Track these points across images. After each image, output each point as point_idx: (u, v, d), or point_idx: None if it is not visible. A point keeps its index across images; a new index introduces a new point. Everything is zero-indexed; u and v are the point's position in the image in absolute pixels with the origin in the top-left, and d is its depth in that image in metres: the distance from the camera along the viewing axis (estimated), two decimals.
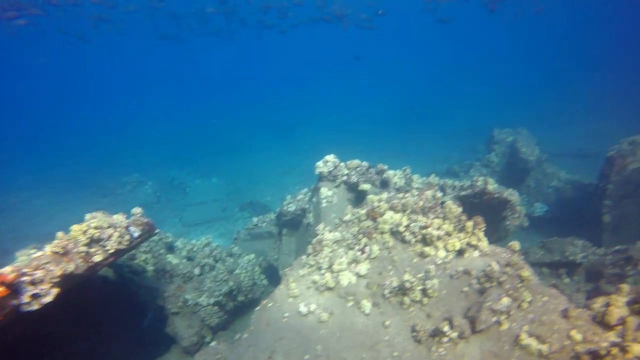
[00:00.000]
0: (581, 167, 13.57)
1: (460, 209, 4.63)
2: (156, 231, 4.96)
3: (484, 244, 4.44)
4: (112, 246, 4.36)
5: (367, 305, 4.21)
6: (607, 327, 3.35)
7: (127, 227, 4.63)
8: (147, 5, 19.45)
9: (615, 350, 3.01)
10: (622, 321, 3.25)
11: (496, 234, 7.58)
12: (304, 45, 66.74)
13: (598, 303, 3.56)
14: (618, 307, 3.29)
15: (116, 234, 4.44)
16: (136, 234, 4.65)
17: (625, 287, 3.47)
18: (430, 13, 16.81)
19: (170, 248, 6.99)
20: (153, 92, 51.87)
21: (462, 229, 4.48)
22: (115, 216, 4.70)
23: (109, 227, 4.46)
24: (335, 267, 4.65)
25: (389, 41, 64.88)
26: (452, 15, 15.41)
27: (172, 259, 6.58)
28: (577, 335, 3.37)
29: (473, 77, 40.70)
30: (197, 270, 6.70)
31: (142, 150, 23.10)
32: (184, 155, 21.25)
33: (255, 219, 9.07)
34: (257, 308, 4.62)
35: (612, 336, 3.26)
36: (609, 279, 6.94)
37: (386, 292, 4.24)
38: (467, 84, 36.95)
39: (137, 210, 4.96)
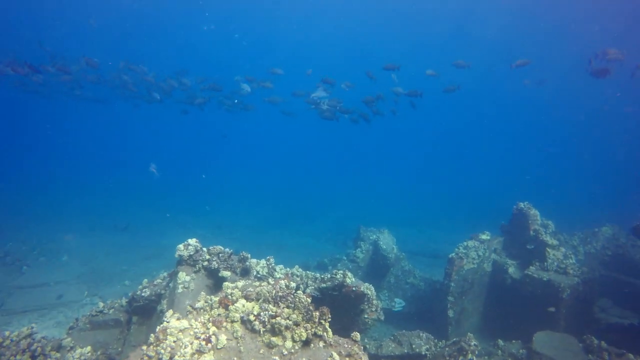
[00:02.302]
0: (435, 265, 15.54)
1: (309, 300, 4.82)
2: None
3: (329, 334, 4.61)
4: None
5: None
6: None
7: None
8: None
9: None
10: None
11: (356, 327, 7.89)
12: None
13: None
14: None
15: None
16: None
17: None
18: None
19: None
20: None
21: (309, 319, 4.62)
22: None
23: None
24: (177, 358, 4.26)
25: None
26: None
27: None
28: None
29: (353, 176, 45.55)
30: None
31: None
32: (29, 226, 18.09)
33: (101, 304, 7.90)
34: None
35: None
36: None
37: None
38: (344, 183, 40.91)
39: None
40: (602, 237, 14.47)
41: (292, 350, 4.38)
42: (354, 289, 7.19)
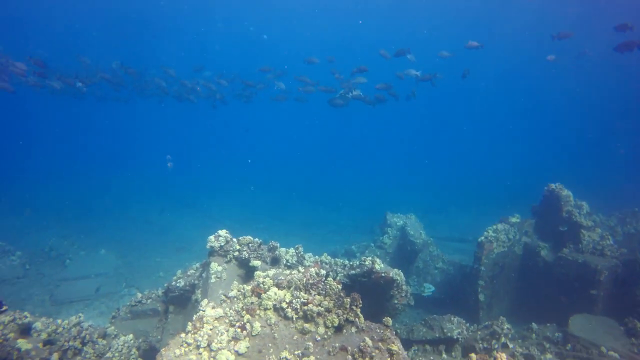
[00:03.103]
0: (463, 250, 15.32)
1: (340, 286, 4.88)
2: (2, 309, 4.28)
3: (361, 319, 4.67)
4: None
5: None
6: None
7: None
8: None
9: None
10: None
11: (386, 312, 7.93)
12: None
13: None
14: None
15: None
16: None
17: (473, 356, 3.88)
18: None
19: (25, 330, 5.96)
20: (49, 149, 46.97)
21: (341, 305, 4.68)
22: None
23: None
24: (214, 345, 4.43)
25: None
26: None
27: (23, 344, 5.59)
28: None
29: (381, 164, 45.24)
30: (55, 357, 5.74)
31: (11, 212, 20.04)
32: (69, 222, 19.02)
33: (139, 295, 8.28)
34: None
35: None
36: (480, 353, 7.57)
37: None
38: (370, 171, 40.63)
39: None
40: None
41: (325, 336, 4.46)
42: (383, 275, 7.21)
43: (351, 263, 7.31)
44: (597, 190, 20.22)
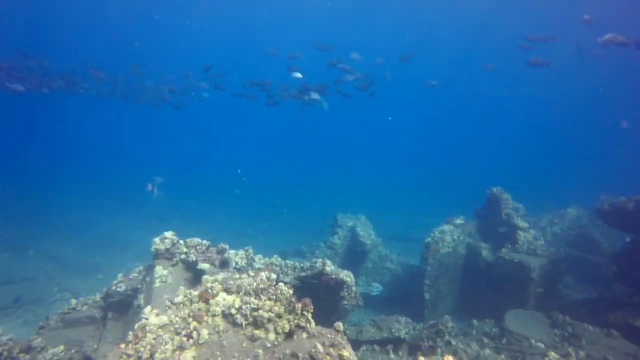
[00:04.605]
0: (410, 250, 15.86)
1: (291, 291, 4.80)
2: None
3: (312, 325, 4.62)
4: None
5: None
6: None
7: None
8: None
9: None
10: None
11: (336, 313, 7.98)
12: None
13: None
14: None
15: None
16: None
17: (421, 358, 3.98)
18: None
19: None
20: None
21: (292, 311, 4.60)
22: None
23: None
24: (157, 356, 4.16)
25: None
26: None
27: None
28: None
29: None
30: None
31: None
32: None
33: (74, 301, 7.65)
34: None
35: None
36: (425, 352, 7.85)
37: None
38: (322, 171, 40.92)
39: None
40: (568, 219, 15.19)
41: (276, 343, 4.36)
42: (333, 277, 7.25)
43: (302, 265, 7.28)
44: (531, 191, 21.88)
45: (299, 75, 13.29)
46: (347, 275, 7.60)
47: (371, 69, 13.66)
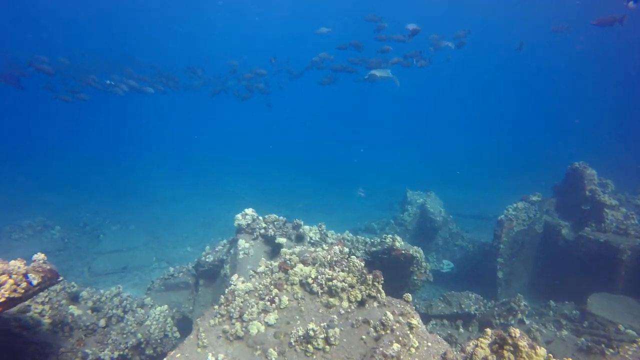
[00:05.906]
0: (483, 227, 15.37)
1: (362, 263, 5.13)
2: (59, 279, 4.74)
3: (382, 295, 4.94)
4: (1, 295, 4.06)
5: (273, 353, 4.38)
6: None
7: (25, 275, 4.37)
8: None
9: None
10: (485, 359, 3.81)
11: (405, 288, 8.22)
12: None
13: (470, 346, 4.13)
14: (482, 348, 3.88)
15: (10, 281, 4.18)
16: (35, 282, 4.40)
17: (488, 330, 4.09)
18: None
19: (74, 298, 6.53)
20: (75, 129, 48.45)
21: (363, 281, 4.95)
22: (12, 262, 4.43)
23: (2, 274, 4.19)
24: (246, 316, 4.79)
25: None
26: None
27: (74, 310, 6.15)
28: None
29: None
30: (102, 322, 6.30)
31: (50, 190, 21.06)
32: (100, 199, 19.91)
33: (171, 269, 8.82)
34: (165, 359, 4.53)
35: None
36: (496, 329, 7.80)
37: (292, 340, 4.46)
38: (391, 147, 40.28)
39: (39, 255, 4.71)
40: None
41: (349, 310, 4.77)
42: (403, 252, 7.43)
43: (372, 240, 7.56)
44: (621, 168, 19.67)
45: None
46: (416, 251, 7.73)
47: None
